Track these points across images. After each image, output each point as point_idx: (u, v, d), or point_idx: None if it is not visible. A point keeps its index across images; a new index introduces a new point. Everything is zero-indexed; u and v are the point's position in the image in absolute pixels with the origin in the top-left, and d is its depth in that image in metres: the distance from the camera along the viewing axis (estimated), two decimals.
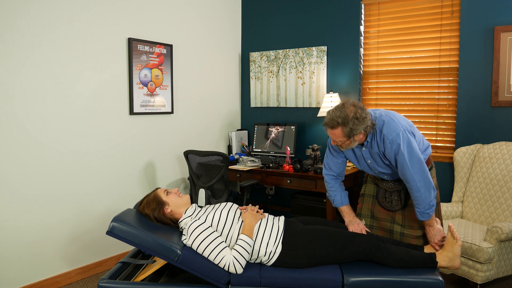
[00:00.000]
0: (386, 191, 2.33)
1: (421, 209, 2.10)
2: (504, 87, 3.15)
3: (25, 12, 2.67)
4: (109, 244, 3.27)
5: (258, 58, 4.37)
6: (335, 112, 2.04)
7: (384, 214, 2.38)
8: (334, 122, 2.03)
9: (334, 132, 2.07)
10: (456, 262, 2.09)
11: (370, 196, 2.46)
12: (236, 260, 1.98)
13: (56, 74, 2.86)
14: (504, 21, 3.14)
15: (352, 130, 2.02)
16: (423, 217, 2.12)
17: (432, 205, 2.09)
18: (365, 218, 2.44)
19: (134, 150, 3.43)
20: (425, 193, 2.07)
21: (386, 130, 2.07)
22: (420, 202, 2.09)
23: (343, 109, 2.03)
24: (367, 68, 3.85)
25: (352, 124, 2.01)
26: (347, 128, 2.02)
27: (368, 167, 2.28)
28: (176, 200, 2.24)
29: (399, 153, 2.04)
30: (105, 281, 1.98)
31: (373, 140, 2.13)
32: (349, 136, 2.05)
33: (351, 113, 2.01)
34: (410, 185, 2.09)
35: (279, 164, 3.76)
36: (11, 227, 2.67)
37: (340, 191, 2.42)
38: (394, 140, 2.04)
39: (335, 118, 2.03)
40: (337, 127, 2.04)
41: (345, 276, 1.99)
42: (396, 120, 2.10)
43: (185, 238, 2.06)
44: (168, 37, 3.66)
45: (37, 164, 2.78)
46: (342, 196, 2.41)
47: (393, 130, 2.05)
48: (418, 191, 2.07)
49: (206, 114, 4.13)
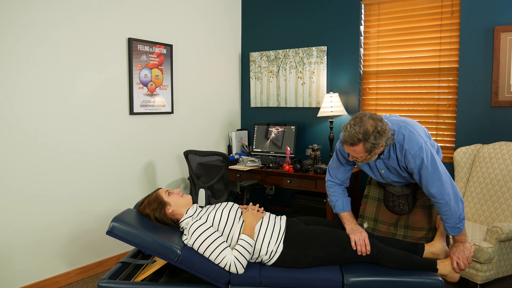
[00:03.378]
0: (394, 195, 2.26)
1: (451, 223, 1.98)
2: (504, 87, 3.15)
3: (25, 12, 2.66)
4: (109, 244, 3.27)
5: (258, 58, 4.37)
6: (354, 128, 1.90)
7: (389, 218, 2.32)
8: (355, 139, 1.89)
9: (354, 149, 1.94)
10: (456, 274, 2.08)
11: (374, 199, 2.39)
12: (237, 260, 1.98)
13: (56, 74, 2.86)
14: (504, 21, 3.14)
15: (374, 145, 1.90)
16: (454, 232, 2.00)
17: (462, 218, 1.98)
18: (368, 221, 2.39)
19: (134, 150, 3.43)
20: (454, 206, 1.96)
21: (408, 144, 1.96)
22: (450, 217, 1.97)
23: (362, 123, 1.89)
24: (367, 68, 3.85)
25: (373, 139, 1.88)
26: (369, 143, 1.89)
27: (381, 176, 2.20)
28: (178, 200, 2.24)
29: (423, 168, 1.95)
30: (105, 281, 1.98)
31: (391, 152, 2.03)
32: (370, 151, 1.93)
33: (371, 127, 1.88)
34: (437, 199, 1.97)
35: (279, 164, 3.76)
36: (11, 227, 2.67)
37: (342, 196, 2.31)
38: (417, 154, 1.94)
39: (355, 134, 1.88)
40: (358, 144, 1.90)
41: (345, 276, 1.99)
42: (416, 132, 1.99)
43: (186, 238, 2.06)
44: (168, 37, 3.66)
45: (37, 164, 2.78)
46: (344, 203, 2.29)
47: (415, 144, 1.95)
48: (447, 205, 1.95)
49: (206, 114, 4.13)
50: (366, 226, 2.39)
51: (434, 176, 1.95)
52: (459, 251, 2.04)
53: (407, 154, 1.96)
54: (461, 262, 2.04)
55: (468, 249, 2.05)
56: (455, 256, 2.05)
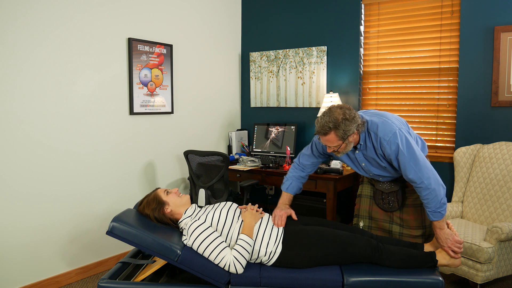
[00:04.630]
0: (383, 193, 2.32)
1: (432, 207, 2.03)
2: (504, 87, 3.15)
3: (25, 12, 2.66)
4: (109, 244, 3.27)
5: (258, 58, 4.37)
6: (323, 119, 2.02)
7: (382, 214, 2.37)
8: (326, 128, 2.00)
9: (328, 139, 2.04)
10: (456, 260, 2.09)
11: (367, 197, 2.45)
12: (236, 260, 1.98)
13: (56, 74, 2.86)
14: (504, 21, 3.14)
15: (346, 132, 1.99)
16: (435, 216, 2.04)
17: (443, 203, 2.03)
18: (363, 219, 2.43)
19: (134, 150, 3.43)
20: (435, 189, 2.00)
21: (382, 132, 2.04)
22: (431, 201, 2.02)
23: (331, 113, 2.01)
24: (367, 68, 3.85)
25: (344, 126, 1.98)
26: (340, 130, 1.99)
27: (363, 170, 2.27)
28: (176, 200, 2.24)
29: (399, 153, 2.01)
30: (105, 281, 1.98)
31: (367, 142, 2.11)
32: (343, 138, 2.01)
33: (340, 115, 1.99)
34: (417, 184, 2.02)
35: (279, 164, 3.76)
36: (11, 227, 2.67)
37: (295, 180, 2.40)
38: (391, 140, 2.01)
39: (326, 124, 2.00)
40: (330, 132, 2.01)
41: (345, 276, 1.99)
42: (390, 120, 2.08)
43: (185, 238, 2.06)
44: (168, 37, 3.66)
45: (37, 164, 2.78)
46: (291, 185, 2.39)
47: (389, 130, 2.03)
48: (427, 189, 2.00)
49: (206, 114, 4.13)
50: (362, 225, 2.41)
51: (411, 160, 2.00)
52: (445, 240, 2.07)
53: (382, 141, 2.03)
54: (454, 248, 2.07)
55: (451, 234, 2.08)
56: (445, 246, 2.08)
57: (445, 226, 2.08)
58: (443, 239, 2.08)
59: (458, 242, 2.07)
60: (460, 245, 2.07)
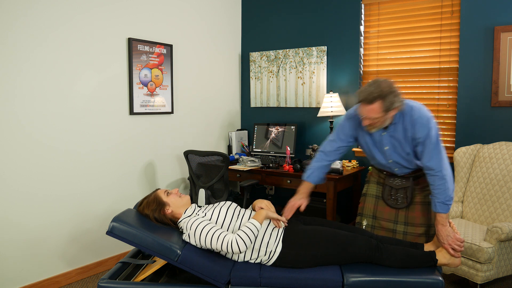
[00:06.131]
0: (392, 189, 2.31)
1: (442, 199, 2.06)
2: (504, 87, 3.15)
3: (25, 12, 2.67)
4: (109, 244, 3.27)
5: (258, 58, 4.37)
6: (369, 88, 1.98)
7: (387, 213, 2.35)
8: (372, 96, 1.96)
9: (372, 108, 1.99)
10: (456, 259, 2.09)
11: (372, 196, 2.43)
12: (239, 238, 1.97)
13: (56, 74, 2.86)
14: (504, 21, 3.14)
15: (391, 104, 1.97)
16: (442, 208, 2.06)
17: (451, 197, 2.07)
18: (367, 218, 2.42)
19: (134, 150, 3.43)
20: (449, 182, 2.05)
21: (417, 114, 2.06)
22: (442, 191, 2.05)
23: (376, 84, 1.99)
24: (367, 68, 3.85)
25: (391, 98, 1.97)
26: (386, 102, 1.96)
27: (383, 155, 2.23)
28: (177, 200, 2.24)
29: (428, 138, 2.04)
30: (105, 281, 1.98)
31: (399, 124, 2.10)
32: (387, 110, 1.99)
33: (388, 87, 1.97)
34: (435, 172, 2.05)
35: (279, 164, 3.76)
36: (11, 227, 2.67)
37: (316, 169, 2.34)
38: (425, 124, 2.04)
39: (373, 92, 1.96)
40: (376, 102, 1.97)
41: (345, 276, 1.99)
42: (421, 105, 2.13)
43: (185, 234, 2.06)
44: (168, 37, 3.66)
45: (37, 164, 2.78)
46: (313, 174, 2.34)
47: (424, 115, 2.07)
48: (443, 178, 2.04)
49: (206, 114, 4.13)
50: (365, 224, 2.40)
51: (436, 149, 2.05)
52: (446, 237, 2.07)
53: (416, 122, 2.06)
54: (454, 246, 2.07)
55: (452, 231, 2.08)
56: (446, 243, 2.08)
57: (447, 223, 2.10)
58: (444, 236, 2.08)
59: (459, 240, 2.07)
60: (461, 243, 2.07)
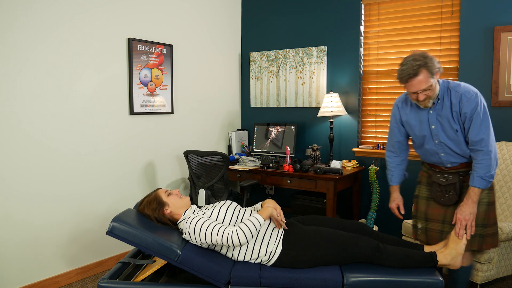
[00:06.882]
0: (440, 185, 2.25)
1: (482, 173, 2.04)
2: (504, 87, 3.15)
3: (25, 12, 2.67)
4: (109, 244, 3.27)
5: (258, 58, 4.37)
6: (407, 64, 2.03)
7: (436, 214, 2.29)
8: (415, 67, 1.99)
9: (419, 79, 2.01)
10: (458, 260, 2.08)
11: (424, 198, 2.38)
12: (240, 230, 1.98)
13: (56, 74, 2.86)
14: (504, 21, 3.14)
15: (433, 67, 2.00)
16: (479, 183, 2.05)
17: (492, 175, 2.05)
18: (420, 221, 2.36)
19: (134, 150, 3.43)
20: (492, 158, 2.04)
21: (464, 89, 2.07)
22: (484, 166, 2.04)
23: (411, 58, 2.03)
24: (367, 68, 3.85)
25: (430, 61, 1.99)
26: (428, 66, 1.99)
27: (431, 135, 2.20)
28: (177, 201, 2.24)
29: (476, 113, 2.04)
30: (105, 281, 1.98)
31: (446, 99, 2.11)
32: (432, 74, 2.01)
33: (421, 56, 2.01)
34: (480, 146, 2.05)
35: (279, 164, 3.76)
36: (11, 227, 2.67)
37: (396, 168, 2.45)
38: (472, 99, 2.04)
39: (413, 64, 2.00)
40: (421, 71, 1.99)
41: (345, 276, 1.99)
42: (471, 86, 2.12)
43: (185, 233, 2.06)
44: (168, 37, 3.66)
45: (37, 164, 2.78)
46: (394, 175, 2.45)
47: (472, 90, 2.07)
48: (487, 153, 2.03)
49: (206, 114, 4.13)
50: (420, 226, 2.37)
51: (483, 123, 2.04)
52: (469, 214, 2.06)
53: (463, 97, 2.05)
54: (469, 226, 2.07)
55: (474, 214, 2.07)
56: (463, 219, 2.08)
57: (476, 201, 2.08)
58: (467, 212, 2.07)
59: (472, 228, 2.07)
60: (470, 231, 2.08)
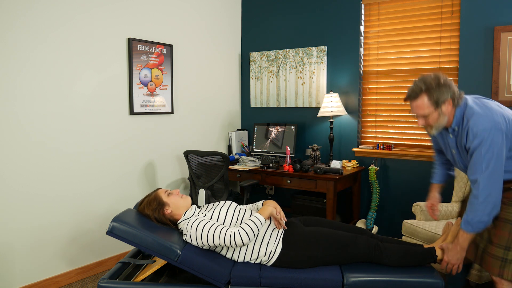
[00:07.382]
0: None
1: (468, 217, 1.85)
2: (504, 87, 3.15)
3: (25, 12, 2.66)
4: (109, 244, 3.27)
5: (258, 58, 4.37)
6: (415, 83, 1.89)
7: None
8: (417, 90, 1.85)
9: (418, 104, 1.86)
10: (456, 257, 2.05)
11: None
12: (242, 230, 1.98)
13: (56, 74, 2.86)
14: (504, 21, 3.14)
15: (439, 97, 1.82)
16: (466, 227, 1.87)
17: (481, 222, 1.82)
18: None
19: (134, 150, 3.43)
20: (482, 204, 1.80)
21: (473, 122, 1.81)
22: (470, 211, 1.84)
23: (423, 78, 1.88)
24: (367, 68, 3.85)
25: (438, 89, 1.82)
26: (433, 95, 1.83)
27: (453, 158, 2.06)
28: (178, 201, 2.24)
29: (477, 150, 1.80)
30: (105, 281, 1.98)
31: (460, 128, 1.90)
32: (436, 104, 1.83)
33: (433, 80, 1.84)
34: (473, 186, 1.83)
35: (279, 164, 3.76)
36: (11, 227, 2.67)
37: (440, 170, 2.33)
38: (478, 134, 1.79)
39: (417, 85, 1.86)
40: (421, 95, 1.85)
41: (345, 276, 1.99)
42: (491, 113, 1.81)
43: (186, 235, 2.06)
44: (168, 37, 3.66)
45: (37, 164, 2.78)
46: (437, 174, 2.34)
47: (481, 123, 1.79)
48: (476, 197, 1.81)
49: (206, 114, 4.13)
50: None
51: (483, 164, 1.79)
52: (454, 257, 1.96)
53: (469, 131, 1.82)
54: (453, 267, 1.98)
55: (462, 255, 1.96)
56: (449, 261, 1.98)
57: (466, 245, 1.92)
58: (455, 258, 1.96)
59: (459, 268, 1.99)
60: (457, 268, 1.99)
